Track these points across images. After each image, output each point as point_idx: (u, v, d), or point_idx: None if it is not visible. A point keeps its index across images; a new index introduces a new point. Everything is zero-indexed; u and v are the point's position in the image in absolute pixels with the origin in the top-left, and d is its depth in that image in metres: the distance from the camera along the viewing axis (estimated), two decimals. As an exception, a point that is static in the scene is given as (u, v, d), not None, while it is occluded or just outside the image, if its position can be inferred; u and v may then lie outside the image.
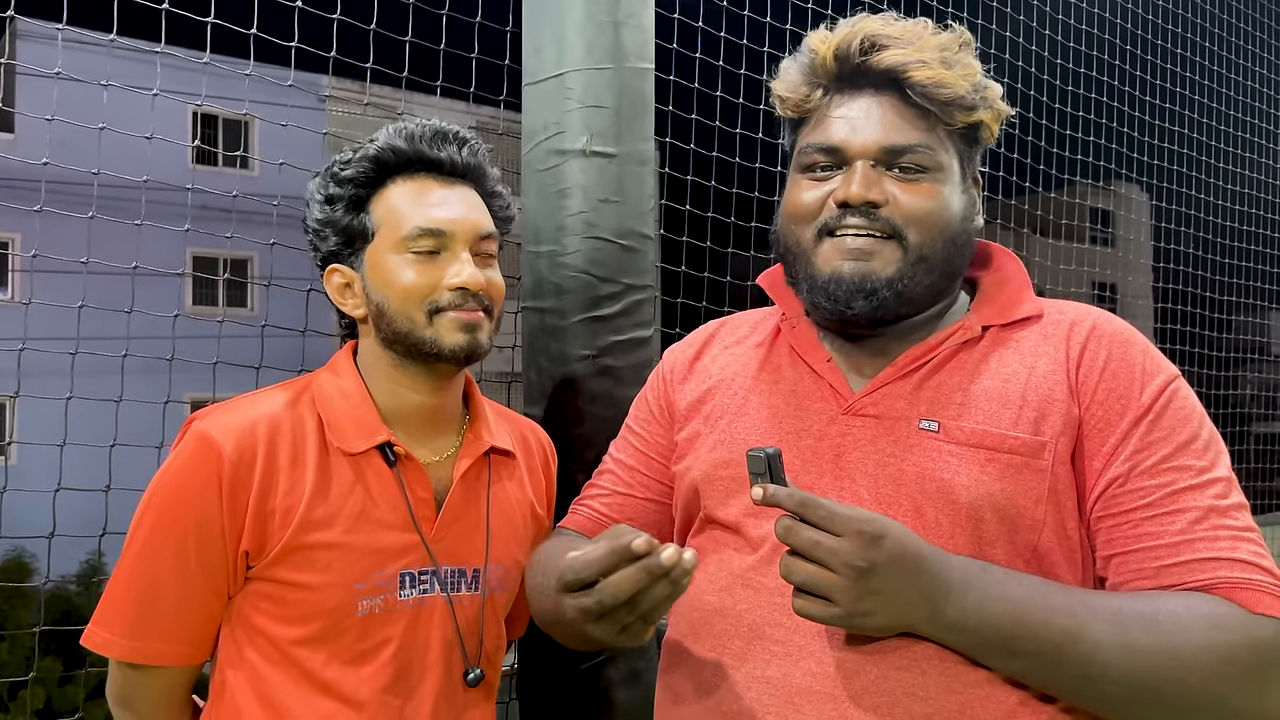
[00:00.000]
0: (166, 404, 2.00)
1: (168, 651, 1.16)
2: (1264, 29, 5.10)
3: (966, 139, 1.09)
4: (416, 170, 1.22)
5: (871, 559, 0.87)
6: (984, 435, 0.99)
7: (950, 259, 1.07)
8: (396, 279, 1.18)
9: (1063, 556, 0.98)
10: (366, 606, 1.16)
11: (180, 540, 1.13)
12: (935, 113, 1.05)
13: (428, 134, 1.22)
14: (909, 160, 1.04)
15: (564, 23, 1.61)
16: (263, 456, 1.14)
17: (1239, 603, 0.91)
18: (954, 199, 1.07)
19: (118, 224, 1.97)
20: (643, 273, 1.65)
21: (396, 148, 1.21)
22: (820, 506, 0.88)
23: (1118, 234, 10.75)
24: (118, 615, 1.15)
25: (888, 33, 1.06)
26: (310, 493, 1.15)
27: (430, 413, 1.26)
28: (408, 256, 1.18)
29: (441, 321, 1.18)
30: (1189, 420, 0.99)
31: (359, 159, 1.22)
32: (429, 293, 1.18)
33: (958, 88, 1.04)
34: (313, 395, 1.22)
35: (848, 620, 0.89)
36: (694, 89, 2.54)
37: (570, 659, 1.57)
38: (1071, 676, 0.90)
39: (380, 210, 1.21)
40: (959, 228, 1.07)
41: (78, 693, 9.60)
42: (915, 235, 1.04)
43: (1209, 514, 0.94)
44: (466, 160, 1.24)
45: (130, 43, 1.91)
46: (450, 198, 1.22)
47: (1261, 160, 5.18)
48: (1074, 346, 1.03)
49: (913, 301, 1.06)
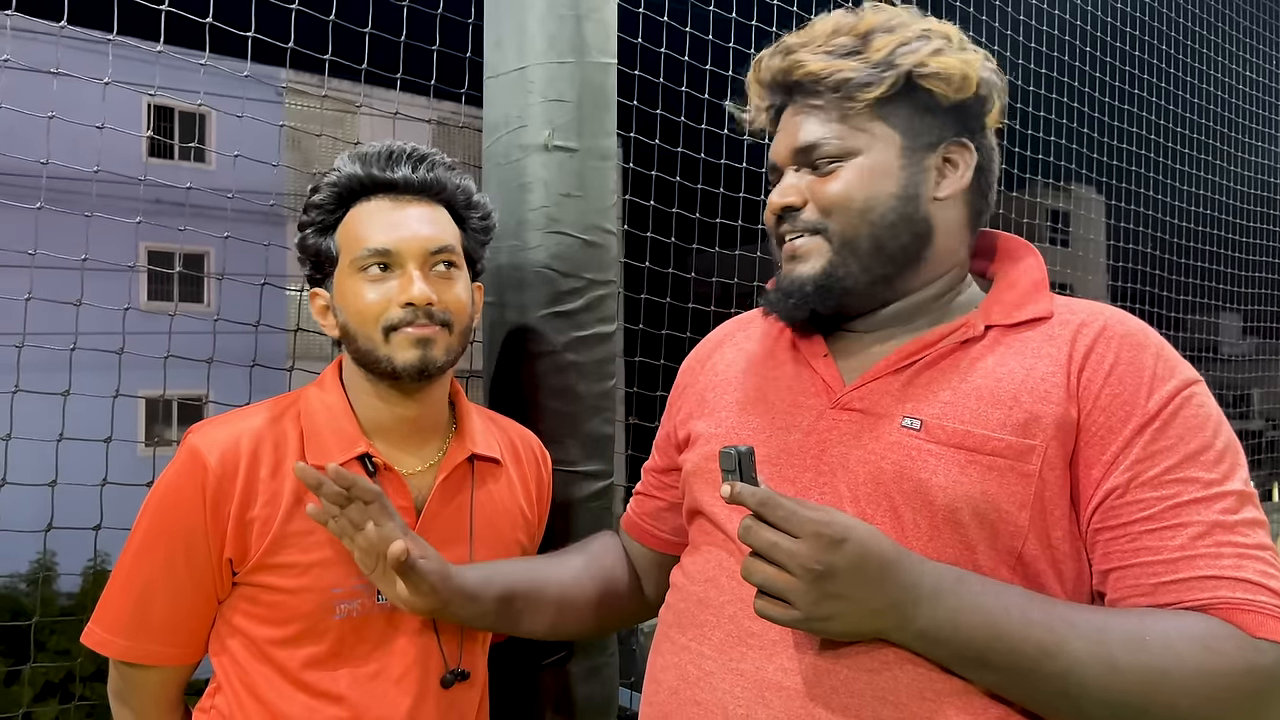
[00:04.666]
0: (116, 398, 1.96)
1: (160, 652, 1.23)
2: (1219, 34, 5.20)
3: (907, 108, 1.04)
4: (374, 192, 1.26)
5: (829, 562, 0.85)
6: (966, 435, 0.95)
7: (882, 238, 1.03)
8: (354, 300, 1.23)
9: (1048, 566, 0.94)
10: (344, 610, 1.20)
11: (170, 547, 1.19)
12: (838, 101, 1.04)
13: (381, 156, 1.25)
14: (819, 155, 1.05)
15: (525, 16, 1.60)
16: (244, 469, 1.19)
17: (1239, 625, 0.86)
18: (879, 175, 1.03)
19: (67, 215, 1.92)
20: (605, 268, 1.64)
21: (351, 173, 1.25)
22: (780, 507, 0.86)
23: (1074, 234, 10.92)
24: (114, 615, 1.22)
25: (789, 44, 1.08)
26: (288, 504, 1.19)
27: (411, 424, 1.29)
28: (361, 277, 1.22)
29: (395, 339, 1.21)
30: (1201, 430, 0.93)
31: (325, 185, 1.26)
32: (382, 311, 1.21)
33: (842, 70, 1.03)
34: (299, 410, 1.27)
35: (806, 623, 0.87)
36: (659, 84, 2.53)
37: (532, 656, 1.56)
38: (1049, 693, 0.87)
39: (341, 234, 1.25)
40: (889, 204, 1.03)
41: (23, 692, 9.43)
42: (835, 223, 1.04)
43: (1213, 529, 0.89)
44: (423, 177, 1.26)
45: (81, 31, 1.86)
46: (404, 217, 1.24)
47: (1215, 162, 5.28)
48: (1079, 348, 0.98)
49: (854, 291, 1.05)
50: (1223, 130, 5.33)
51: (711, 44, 2.66)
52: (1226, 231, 5.57)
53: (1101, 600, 0.95)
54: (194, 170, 14.65)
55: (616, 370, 1.71)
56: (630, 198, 2.49)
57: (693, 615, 1.07)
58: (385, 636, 1.23)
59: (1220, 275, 5.64)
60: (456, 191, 1.29)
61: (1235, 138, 5.49)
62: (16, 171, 1.85)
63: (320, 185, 1.27)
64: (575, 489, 1.59)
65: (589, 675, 1.62)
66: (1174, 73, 4.86)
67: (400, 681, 1.23)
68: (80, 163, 1.97)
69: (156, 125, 14.63)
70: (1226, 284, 5.71)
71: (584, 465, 1.61)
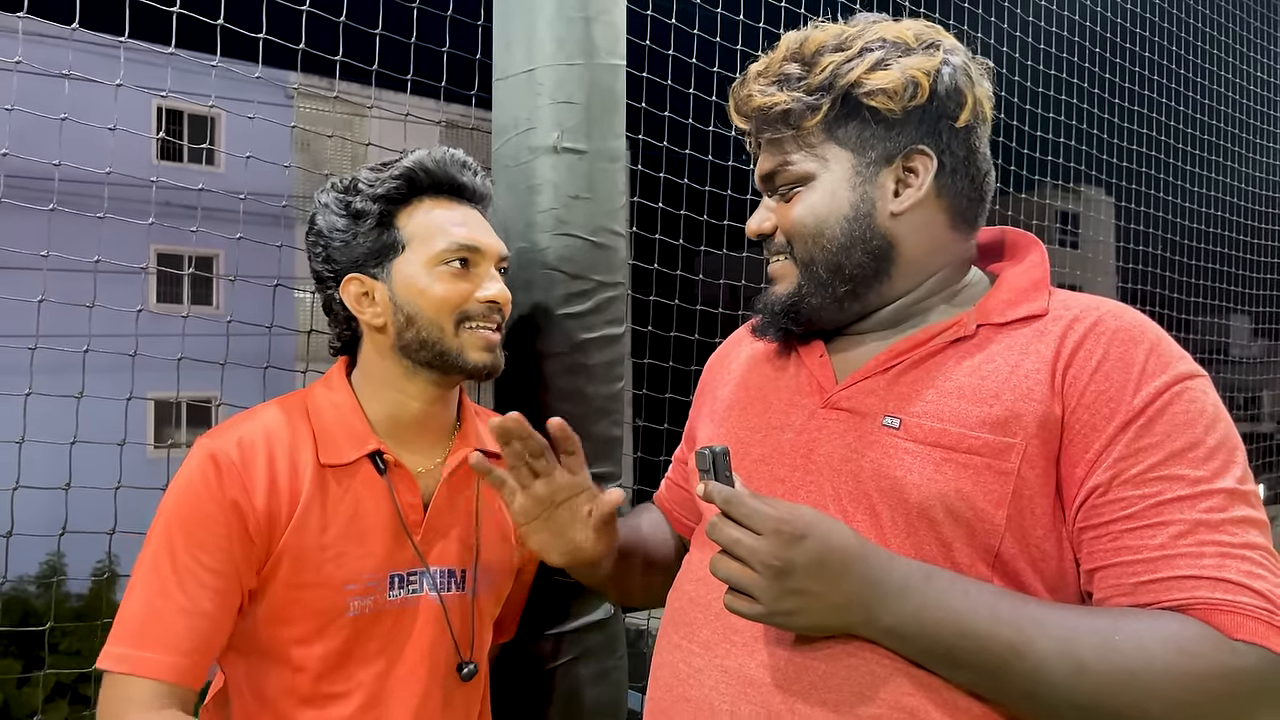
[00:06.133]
0: (129, 400, 1.97)
1: (165, 663, 1.12)
2: (1228, 34, 5.18)
3: (856, 126, 1.04)
4: (442, 192, 1.31)
5: (787, 558, 0.86)
6: (942, 434, 0.95)
7: (836, 260, 1.05)
8: (431, 290, 1.26)
9: (1027, 564, 0.93)
10: (358, 607, 1.22)
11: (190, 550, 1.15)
12: (788, 129, 1.06)
13: (456, 160, 1.32)
14: (779, 182, 1.09)
15: (535, 18, 1.60)
16: (264, 463, 1.20)
17: (1216, 626, 0.84)
18: (829, 199, 1.05)
19: (79, 218, 1.93)
20: (614, 270, 1.64)
21: (429, 169, 1.29)
22: (742, 504, 0.88)
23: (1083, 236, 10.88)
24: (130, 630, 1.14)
25: (749, 73, 1.10)
26: (305, 501, 1.21)
27: (425, 421, 1.32)
28: (442, 270, 1.27)
29: (467, 334, 1.27)
30: (1190, 426, 0.90)
31: (390, 177, 1.28)
32: (460, 303, 1.27)
33: (782, 103, 1.04)
34: (307, 409, 1.28)
35: (770, 618, 0.89)
36: (667, 86, 2.53)
37: (540, 658, 1.56)
38: (1018, 692, 0.87)
39: (412, 226, 1.29)
40: (839, 226, 1.04)
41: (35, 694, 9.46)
42: (797, 248, 1.08)
43: (1196, 528, 0.87)
44: (485, 188, 1.35)
45: (93, 35, 1.87)
46: (475, 219, 1.32)
47: (1224, 163, 5.26)
48: (1068, 344, 0.96)
49: (820, 311, 1.08)
50: (1232, 131, 5.30)
51: (719, 46, 2.66)
52: (1236, 233, 5.55)
53: (1089, 600, 0.94)
54: (203, 173, 14.69)
55: (625, 372, 1.71)
56: (638, 199, 2.49)
57: (685, 613, 1.08)
58: (396, 633, 1.24)
59: (1230, 277, 5.62)
60: (491, 204, 1.38)
61: (1245, 138, 5.46)
62: (29, 174, 1.85)
63: (382, 176, 1.29)
64: (584, 490, 1.59)
65: (598, 678, 1.62)
66: (1183, 73, 4.85)
67: (408, 678, 1.24)
68: (92, 165, 1.98)
69: (167, 128, 14.68)
70: (1236, 286, 5.69)
71: (592, 467, 1.60)
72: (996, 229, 1.17)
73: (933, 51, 1.04)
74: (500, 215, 1.64)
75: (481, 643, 1.34)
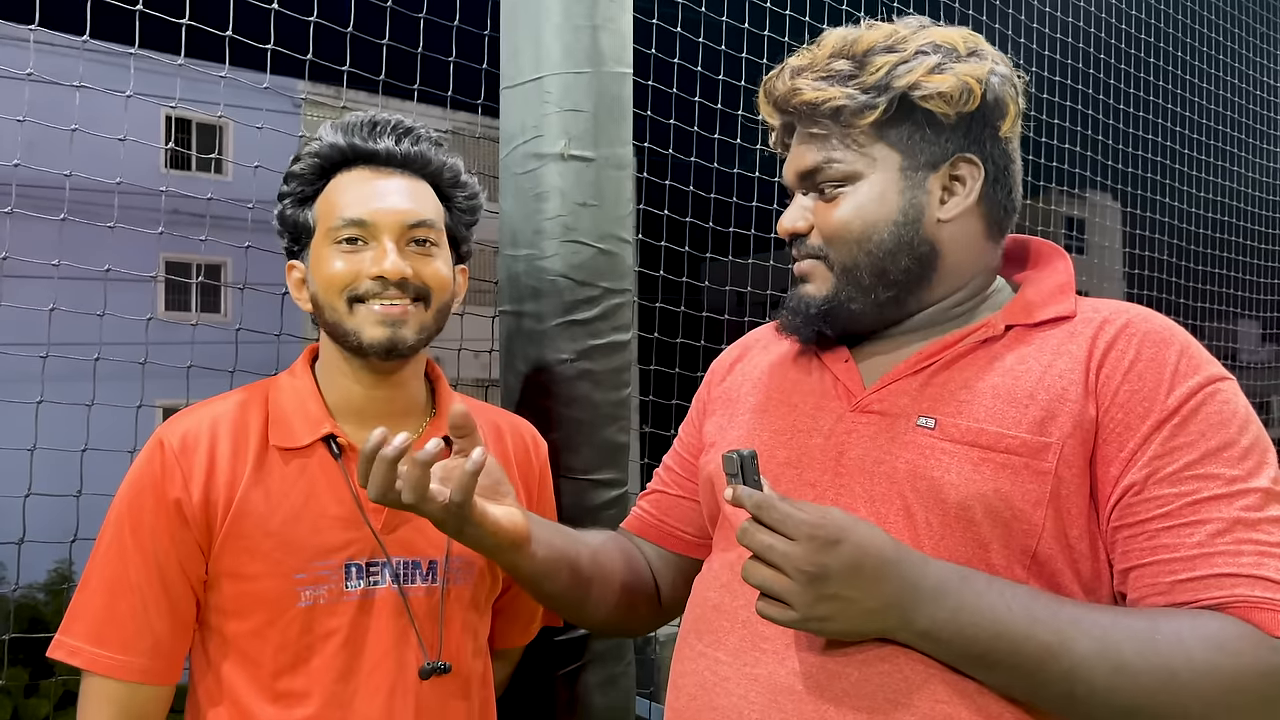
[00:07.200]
0: (139, 409, 1.98)
1: (129, 664, 1.15)
2: (1235, 39, 5.17)
3: (908, 128, 1.03)
4: (355, 163, 1.24)
5: (822, 564, 0.85)
6: (980, 433, 0.95)
7: (882, 264, 1.04)
8: (323, 269, 1.21)
9: (1066, 565, 0.93)
10: (310, 597, 1.16)
11: (139, 538, 1.16)
12: (837, 126, 1.04)
13: (364, 125, 1.24)
14: (820, 180, 1.06)
15: (541, 27, 1.61)
16: (205, 449, 1.18)
17: (1256, 624, 0.84)
18: (877, 202, 1.03)
19: (89, 227, 1.94)
20: (621, 276, 1.65)
21: (333, 143, 1.23)
22: (775, 509, 0.87)
23: (1090, 241, 10.86)
24: (81, 621, 1.16)
25: (792, 67, 1.08)
26: (246, 484, 1.17)
27: (382, 404, 1.27)
28: (334, 248, 1.21)
29: (361, 312, 1.19)
30: (1225, 426, 0.90)
31: (305, 154, 1.24)
32: (349, 281, 1.19)
33: (836, 98, 1.02)
34: (267, 395, 1.26)
35: (804, 624, 0.88)
36: (673, 94, 2.54)
37: (548, 664, 1.57)
38: (1055, 694, 0.86)
39: (320, 205, 1.24)
40: (888, 231, 1.03)
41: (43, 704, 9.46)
42: (835, 252, 1.05)
43: (1234, 526, 0.86)
44: (407, 150, 1.24)
45: (103, 45, 1.88)
46: (383, 189, 1.22)
47: (1231, 168, 5.25)
48: (1100, 345, 0.96)
49: (859, 316, 1.06)
50: (1239, 136, 5.29)
51: (725, 54, 2.67)
52: (1244, 238, 5.53)
53: (1123, 601, 0.93)
54: (210, 181, 14.72)
55: (631, 378, 1.71)
56: (644, 207, 2.49)
57: (709, 621, 1.07)
58: (357, 628, 1.18)
59: (1238, 282, 5.60)
60: (443, 168, 1.27)
61: (1252, 143, 5.45)
62: (41, 183, 1.86)
63: (301, 155, 1.25)
64: (590, 497, 1.60)
65: (605, 685, 1.62)
66: (1190, 79, 4.84)
67: (372, 678, 1.18)
68: (102, 174, 1.99)
69: (176, 137, 14.74)
70: (1244, 291, 5.67)
71: (599, 473, 1.61)
72: (1021, 238, 1.17)
73: (981, 59, 1.04)
74: (507, 222, 1.65)
75: (458, 642, 1.25)
